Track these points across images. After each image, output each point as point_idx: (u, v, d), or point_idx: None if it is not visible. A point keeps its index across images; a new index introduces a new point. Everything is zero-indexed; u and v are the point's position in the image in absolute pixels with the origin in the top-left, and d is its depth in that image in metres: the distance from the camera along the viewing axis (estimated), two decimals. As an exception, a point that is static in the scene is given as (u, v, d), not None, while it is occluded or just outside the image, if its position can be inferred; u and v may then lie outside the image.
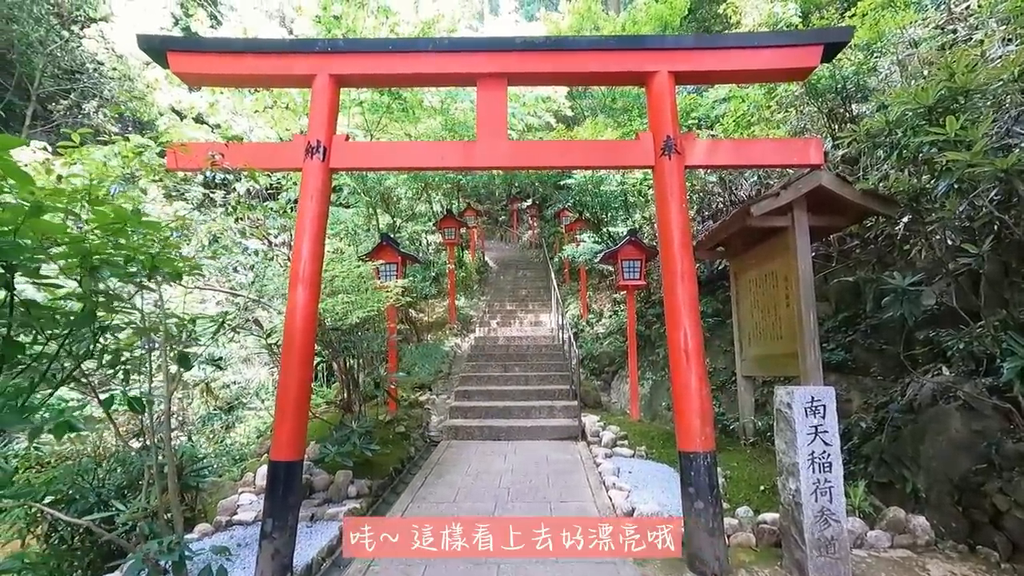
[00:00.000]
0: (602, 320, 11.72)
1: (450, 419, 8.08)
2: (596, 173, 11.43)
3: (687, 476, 3.60)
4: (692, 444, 3.59)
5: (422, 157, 4.09)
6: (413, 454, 6.78)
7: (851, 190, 4.74)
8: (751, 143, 4.51)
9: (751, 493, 4.74)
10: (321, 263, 3.95)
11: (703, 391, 3.65)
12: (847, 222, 5.28)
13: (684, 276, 3.77)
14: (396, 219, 12.79)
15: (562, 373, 9.39)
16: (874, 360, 6.29)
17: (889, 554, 3.80)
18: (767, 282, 5.74)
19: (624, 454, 6.46)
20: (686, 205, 3.88)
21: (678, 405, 3.70)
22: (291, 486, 3.68)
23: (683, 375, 3.67)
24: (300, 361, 3.77)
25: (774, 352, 5.62)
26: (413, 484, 5.62)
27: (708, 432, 3.60)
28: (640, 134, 4.02)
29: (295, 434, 3.72)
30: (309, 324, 3.84)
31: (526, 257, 18.37)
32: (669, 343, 3.82)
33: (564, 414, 8.02)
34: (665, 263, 3.86)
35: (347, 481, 5.35)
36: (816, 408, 3.51)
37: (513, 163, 4.01)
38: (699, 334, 3.75)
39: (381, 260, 7.52)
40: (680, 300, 3.75)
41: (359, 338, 5.97)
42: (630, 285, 7.70)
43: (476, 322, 12.61)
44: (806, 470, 3.46)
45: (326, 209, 4.01)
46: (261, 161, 3.89)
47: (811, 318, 4.90)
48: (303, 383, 3.79)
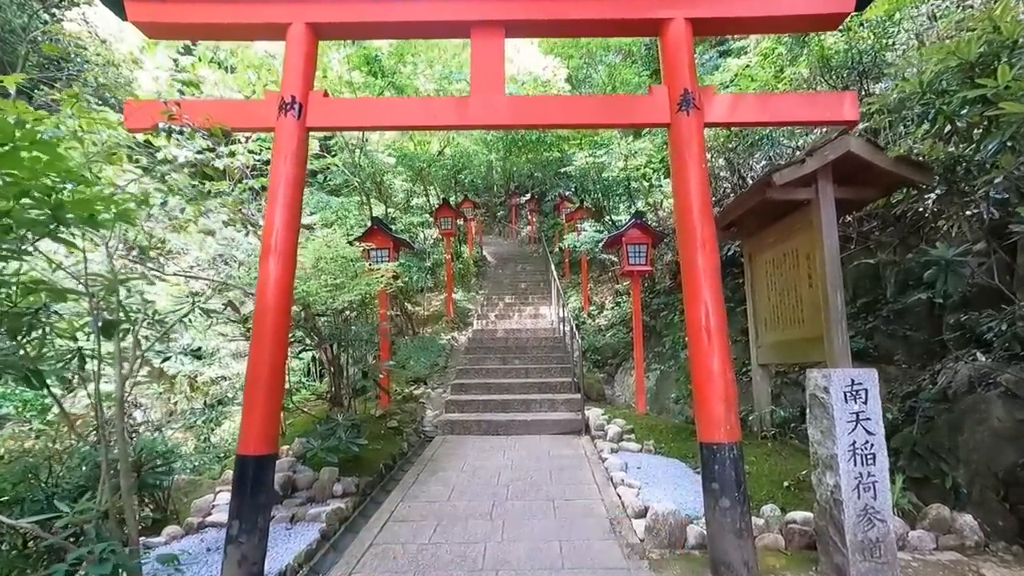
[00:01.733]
0: (604, 312, 11.30)
1: (446, 413, 7.65)
2: (598, 159, 11.02)
3: (709, 471, 3.17)
4: (715, 434, 3.16)
5: (410, 114, 3.65)
6: (406, 450, 6.36)
7: (883, 156, 4.31)
8: (777, 97, 4.08)
9: (774, 490, 4.32)
10: (296, 233, 3.52)
11: (727, 374, 3.23)
12: (876, 194, 4.85)
13: (704, 245, 3.34)
14: (391, 209, 12.35)
15: (563, 366, 8.96)
16: (898, 347, 5.88)
17: (936, 557, 3.38)
18: (786, 262, 5.31)
19: (631, 448, 6.04)
20: (706, 167, 3.46)
21: (699, 390, 3.28)
22: (261, 484, 3.25)
23: (704, 356, 3.25)
24: (272, 342, 3.34)
25: (794, 337, 5.20)
26: (405, 481, 5.19)
27: (733, 420, 3.18)
28: (653, 88, 3.59)
29: (266, 425, 3.29)
30: (282, 300, 3.41)
31: (525, 252, 18.06)
32: (688, 320, 3.39)
33: (566, 407, 7.59)
34: (682, 232, 3.44)
35: (332, 479, 4.92)
36: (857, 392, 3.09)
37: (512, 120, 3.58)
38: (722, 310, 3.32)
39: (372, 244, 7.08)
40: (700, 272, 3.32)
41: (346, 325, 5.54)
42: (635, 271, 7.27)
43: (474, 315, 12.19)
44: (846, 463, 3.03)
45: (302, 173, 3.58)
46: (228, 119, 3.45)
47: (838, 298, 4.48)
48: (275, 367, 3.35)
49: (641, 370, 7.29)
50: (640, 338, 7.31)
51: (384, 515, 4.33)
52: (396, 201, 13.48)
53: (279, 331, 3.39)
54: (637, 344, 7.28)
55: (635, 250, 7.21)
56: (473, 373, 8.98)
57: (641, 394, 7.27)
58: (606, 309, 11.29)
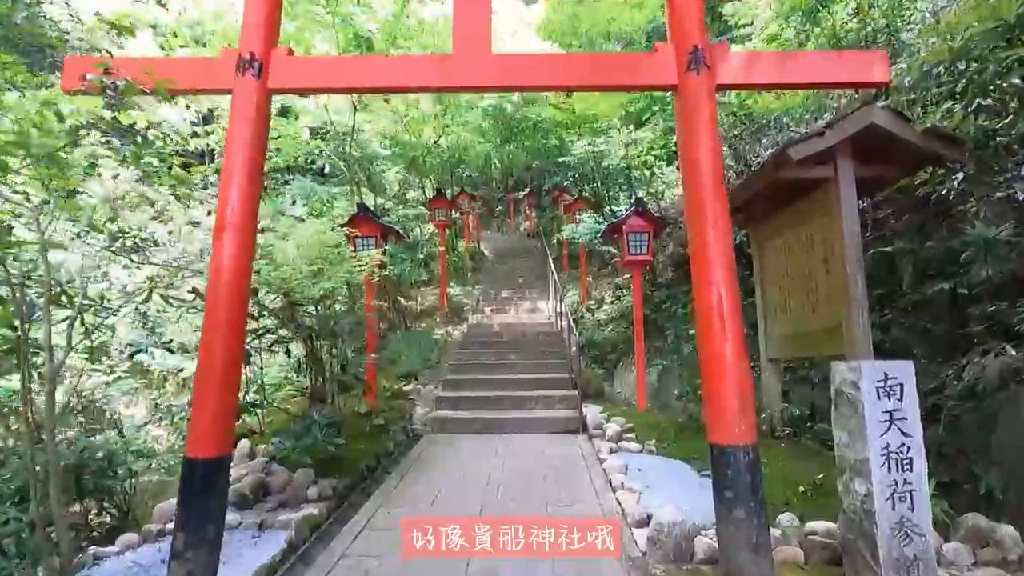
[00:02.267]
0: (603, 306, 10.91)
1: (436, 410, 7.27)
2: (597, 148, 10.61)
3: (722, 476, 2.78)
4: (728, 435, 2.77)
5: (386, 74, 3.25)
6: (392, 449, 5.97)
7: (910, 129, 3.92)
8: (799, 56, 3.69)
9: (789, 495, 3.94)
10: (256, 206, 3.12)
11: (742, 365, 2.84)
12: (899, 173, 4.46)
13: (716, 223, 2.95)
14: (384, 201, 11.93)
15: (561, 361, 8.57)
16: (917, 341, 5.49)
17: (976, 574, 2.99)
18: (799, 248, 4.92)
19: (631, 449, 5.66)
20: (718, 135, 3.06)
21: (709, 384, 2.89)
22: (212, 490, 2.85)
23: (716, 344, 2.86)
24: (227, 330, 2.95)
25: (808, 328, 4.81)
26: (388, 484, 4.81)
27: (749, 418, 2.79)
28: (658, 45, 3.19)
29: (218, 424, 2.90)
30: (239, 283, 3.02)
31: (523, 247, 17.77)
32: (698, 306, 3.00)
33: (563, 405, 7.21)
34: (692, 209, 3.05)
35: (308, 481, 4.54)
36: (891, 388, 2.70)
37: (499, 82, 3.18)
38: (736, 293, 2.94)
39: (358, 232, 6.68)
40: (712, 252, 2.93)
41: (327, 315, 5.15)
42: (636, 261, 6.88)
43: (469, 309, 11.80)
44: (879, 468, 2.64)
45: (263, 141, 3.18)
46: (178, 78, 3.05)
47: (859, 284, 4.10)
48: (230, 359, 2.96)
49: (642, 366, 6.91)
50: (641, 333, 6.92)
51: (361, 522, 3.94)
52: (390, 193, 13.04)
53: (235, 318, 2.99)
54: (638, 339, 6.89)
55: (636, 239, 6.82)
56: (467, 369, 8.60)
57: (642, 391, 6.89)
58: (605, 303, 10.90)
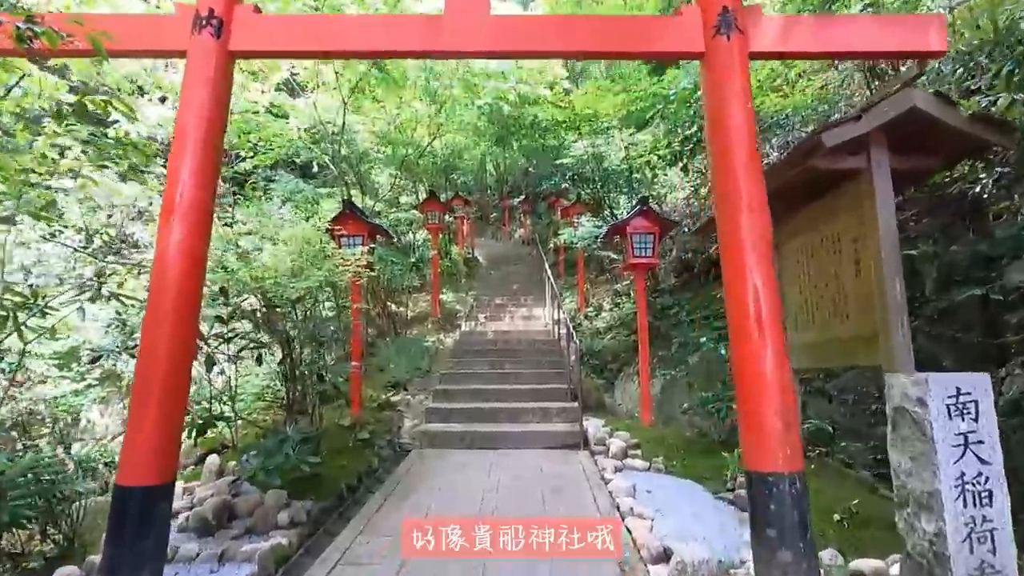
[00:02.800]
0: (602, 314, 10.47)
1: (426, 423, 6.77)
2: (596, 149, 10.23)
3: (762, 510, 2.32)
4: (769, 461, 2.32)
5: (368, 36, 2.81)
6: (376, 466, 5.47)
7: (955, 113, 3.50)
8: (842, 20, 3.28)
9: (824, 525, 3.47)
10: (213, 184, 2.66)
11: (784, 377, 2.40)
12: (937, 164, 4.04)
13: (753, 207, 2.53)
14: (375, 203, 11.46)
15: (559, 371, 8.10)
16: (946, 352, 5.08)
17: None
18: (825, 249, 4.49)
19: (637, 467, 5.19)
20: (752, 108, 2.65)
21: (746, 401, 2.44)
22: (151, 526, 2.37)
23: (753, 354, 2.42)
24: (173, 334, 2.48)
25: (835, 336, 4.37)
26: (368, 507, 4.30)
27: (794, 441, 2.34)
28: (683, 8, 2.78)
29: (161, 442, 2.42)
30: (190, 273, 2.55)
31: (518, 253, 17.42)
32: (729, 309, 2.57)
33: (562, 418, 6.73)
34: (723, 193, 2.62)
35: (279, 504, 4.04)
36: (964, 406, 2.27)
37: (497, 47, 2.75)
38: (776, 292, 2.51)
39: (344, 230, 6.22)
40: (746, 242, 2.50)
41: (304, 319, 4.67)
42: (641, 264, 6.45)
43: (463, 316, 11.33)
44: (953, 503, 2.20)
45: (223, 111, 2.73)
46: (123, 37, 2.60)
47: (896, 287, 3.65)
48: (176, 368, 2.48)
49: (647, 376, 6.46)
50: (645, 340, 6.48)
51: (335, 554, 3.44)
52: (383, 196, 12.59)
53: (183, 319, 2.52)
54: (643, 347, 6.45)
55: (640, 240, 6.40)
56: (459, 378, 8.11)
57: (646, 403, 6.43)
58: (604, 310, 10.46)
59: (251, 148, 8.08)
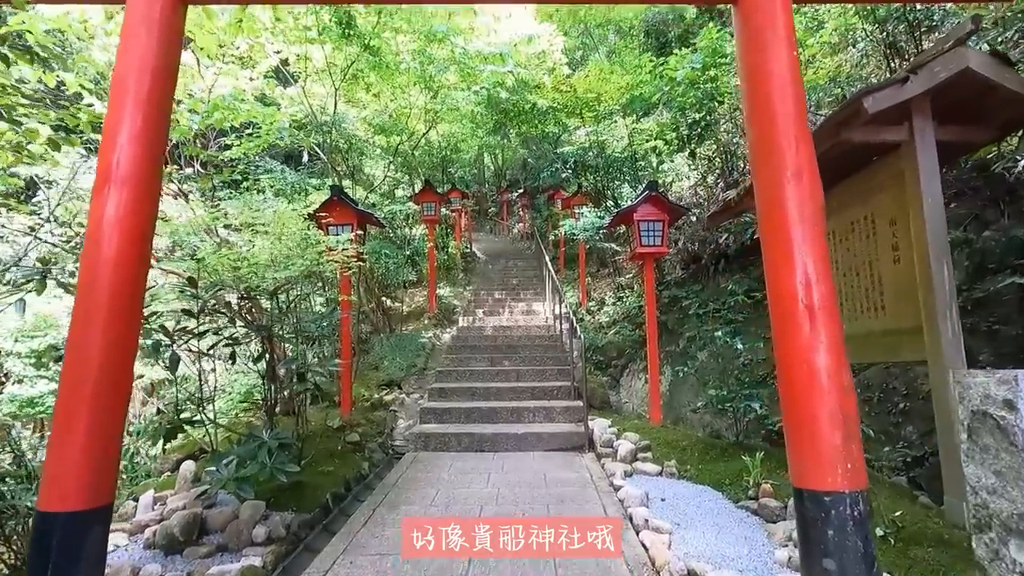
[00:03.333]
0: (605, 308, 10.08)
1: (420, 424, 6.37)
2: (599, 136, 9.80)
3: (816, 536, 1.93)
4: (825, 477, 1.92)
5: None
6: (366, 472, 5.07)
7: (1014, 75, 3.12)
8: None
9: (867, 542, 3.08)
10: (159, 151, 2.25)
11: (842, 378, 2.00)
12: (986, 136, 3.65)
13: (801, 174, 2.12)
14: (367, 192, 11.04)
15: (560, 368, 7.71)
16: (982, 344, 4.70)
17: None
18: (854, 234, 4.11)
19: (648, 471, 4.80)
20: (797, 57, 2.24)
21: (794, 404, 2.04)
22: (78, 558, 1.96)
23: (803, 349, 2.02)
24: (109, 326, 2.06)
25: (869, 330, 3.99)
26: (355, 520, 3.90)
27: (856, 454, 1.94)
28: (714, -58, 2.36)
29: (93, 461, 2.01)
30: (131, 260, 2.14)
31: (517, 248, 17.14)
32: (772, 294, 2.16)
33: (565, 417, 6.34)
34: (762, 154, 2.22)
35: (255, 517, 3.63)
36: (1063, 409, 1.87)
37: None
38: (830, 276, 2.10)
39: (331, 218, 5.80)
40: (793, 214, 2.10)
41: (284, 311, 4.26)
42: (649, 253, 6.04)
43: (460, 311, 10.93)
44: (1054, 528, 1.81)
45: (171, 62, 2.31)
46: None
47: (946, 274, 3.28)
48: (113, 367, 2.07)
49: (656, 373, 6.06)
50: (654, 334, 6.08)
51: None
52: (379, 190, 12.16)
53: (121, 311, 2.11)
54: (651, 341, 6.05)
55: (649, 228, 5.99)
56: (456, 376, 7.71)
57: (656, 401, 6.03)
58: (607, 304, 10.07)
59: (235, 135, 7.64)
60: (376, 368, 8.43)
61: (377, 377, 8.08)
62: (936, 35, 6.56)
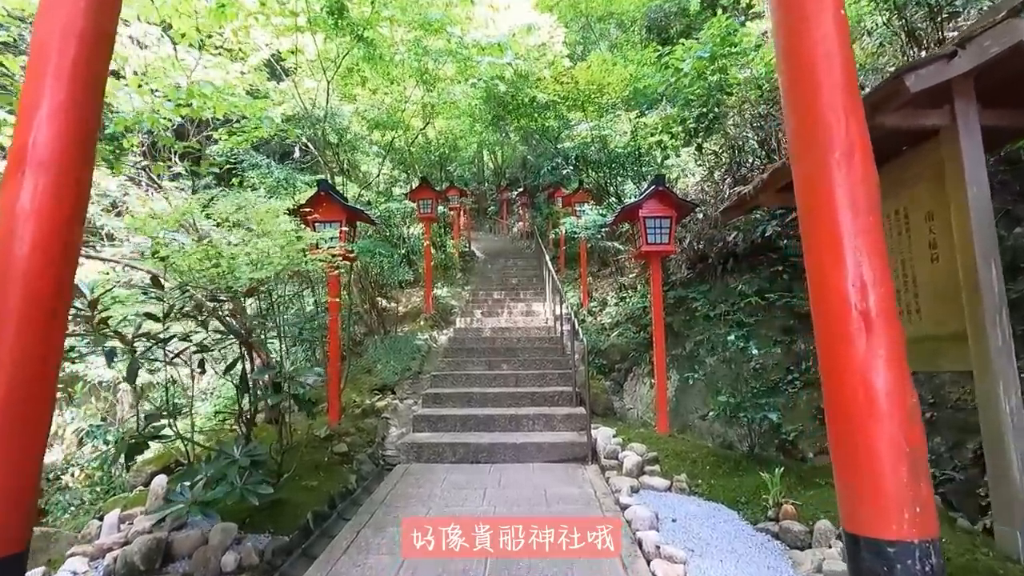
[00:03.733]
0: (607, 309, 9.72)
1: (413, 432, 6.03)
2: (601, 130, 9.45)
3: (875, 592, 1.58)
4: (886, 522, 1.58)
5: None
6: (354, 486, 4.72)
7: (1075, 51, 2.77)
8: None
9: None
10: (89, 130, 1.90)
11: (906, 399, 1.65)
12: (1036, 122, 3.30)
13: (852, 153, 1.78)
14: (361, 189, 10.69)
15: (561, 372, 7.37)
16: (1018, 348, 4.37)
17: None
18: (888, 230, 3.76)
19: (657, 486, 4.45)
20: (845, 16, 1.89)
21: (844, 430, 1.69)
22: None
23: (856, 361, 1.67)
24: (20, 337, 1.72)
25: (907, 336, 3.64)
26: (336, 544, 3.55)
27: (924, 495, 1.60)
28: None
29: (4, 497, 1.66)
30: (50, 259, 1.79)
31: (516, 247, 16.83)
32: (815, 296, 1.82)
33: (566, 425, 6.00)
34: (803, 130, 1.88)
35: (225, 542, 3.29)
36: None
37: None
38: (889, 275, 1.76)
39: (318, 214, 5.44)
40: (841, 204, 1.76)
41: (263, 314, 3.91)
42: (655, 251, 5.70)
43: (458, 312, 10.59)
44: None
45: (107, 24, 1.96)
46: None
47: (992, 272, 2.93)
48: (26, 384, 1.73)
49: (663, 378, 5.71)
50: (661, 337, 5.73)
51: (284, 617, 2.70)
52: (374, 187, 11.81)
53: (37, 320, 1.76)
54: (658, 345, 5.70)
55: (655, 225, 5.64)
56: (452, 380, 7.36)
57: (663, 408, 5.68)
58: (609, 305, 9.71)
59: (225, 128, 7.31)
60: (369, 372, 8.08)
61: (370, 381, 7.73)
62: (956, 22, 6.23)
